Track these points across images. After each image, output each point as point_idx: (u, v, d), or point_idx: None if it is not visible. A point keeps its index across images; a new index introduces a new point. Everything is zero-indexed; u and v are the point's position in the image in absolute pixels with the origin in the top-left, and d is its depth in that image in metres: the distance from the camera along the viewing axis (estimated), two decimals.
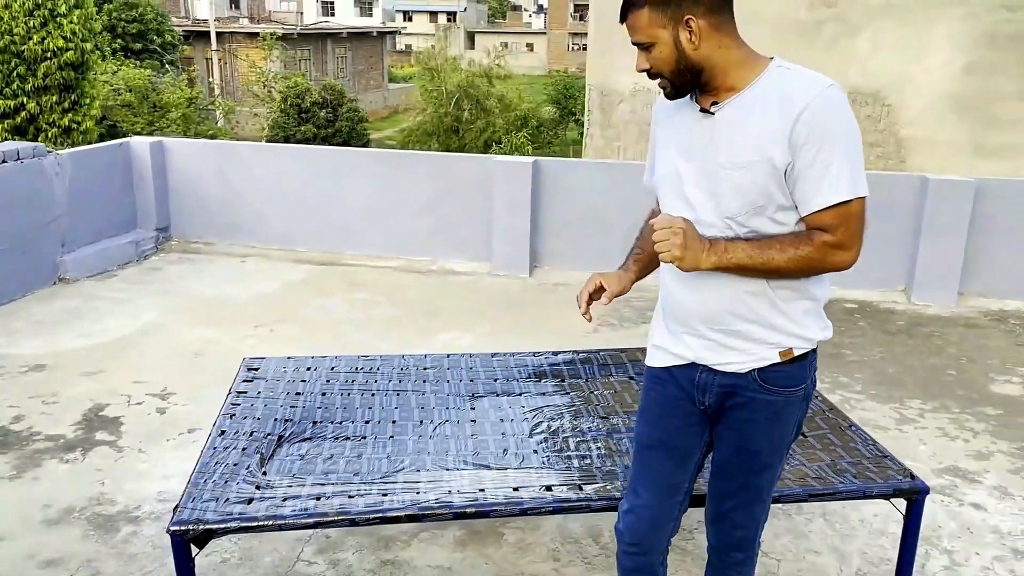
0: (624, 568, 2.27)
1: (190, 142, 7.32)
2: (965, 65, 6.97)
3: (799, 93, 1.83)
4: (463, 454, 2.67)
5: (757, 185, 1.88)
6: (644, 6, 1.91)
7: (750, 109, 1.89)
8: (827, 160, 1.82)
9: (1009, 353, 5.11)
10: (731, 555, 2.29)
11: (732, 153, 1.90)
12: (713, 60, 1.91)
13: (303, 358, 3.32)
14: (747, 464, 2.16)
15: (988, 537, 3.27)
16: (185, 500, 2.31)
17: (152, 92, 24.56)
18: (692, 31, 1.89)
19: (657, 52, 1.93)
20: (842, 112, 1.86)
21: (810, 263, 1.89)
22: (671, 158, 2.04)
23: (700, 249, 1.89)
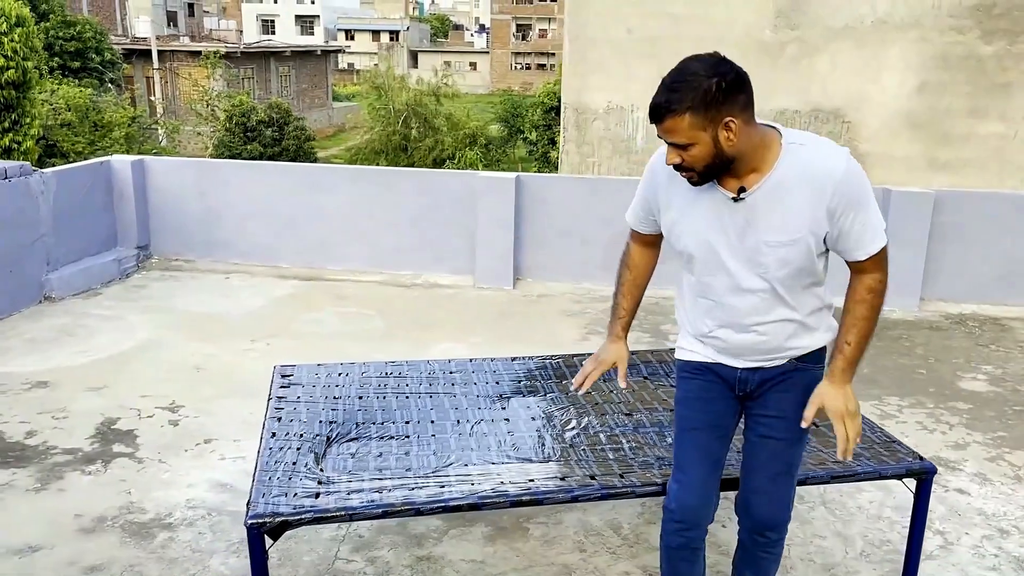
0: (673, 547, 2.45)
1: (171, 160, 7.34)
2: (918, 85, 7.42)
3: (825, 172, 2.04)
4: (504, 449, 2.83)
5: (800, 255, 2.13)
6: (685, 112, 1.97)
7: (779, 191, 2.08)
8: (863, 220, 2.08)
9: (972, 352, 5.46)
10: (766, 535, 2.49)
11: (771, 233, 2.11)
12: (744, 150, 2.04)
13: (333, 364, 3.44)
14: (782, 434, 2.40)
15: (975, 519, 3.53)
16: (256, 496, 2.42)
17: (93, 111, 24.15)
18: (731, 130, 1.99)
19: (695, 151, 2.03)
20: (862, 176, 2.09)
21: (880, 308, 2.21)
22: (701, 232, 2.19)
23: (850, 397, 2.25)
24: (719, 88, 1.95)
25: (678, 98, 1.97)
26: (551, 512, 3.45)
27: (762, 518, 2.46)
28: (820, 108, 7.50)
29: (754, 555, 2.54)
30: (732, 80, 1.97)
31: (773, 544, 2.53)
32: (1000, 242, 6.28)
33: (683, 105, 1.97)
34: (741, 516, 2.52)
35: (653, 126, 2.08)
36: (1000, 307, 6.31)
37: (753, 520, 2.48)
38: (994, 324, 6.03)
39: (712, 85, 1.95)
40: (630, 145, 7.85)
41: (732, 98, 1.97)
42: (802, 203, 2.07)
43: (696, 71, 1.97)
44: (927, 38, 7.27)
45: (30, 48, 14.02)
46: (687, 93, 1.96)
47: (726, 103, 1.97)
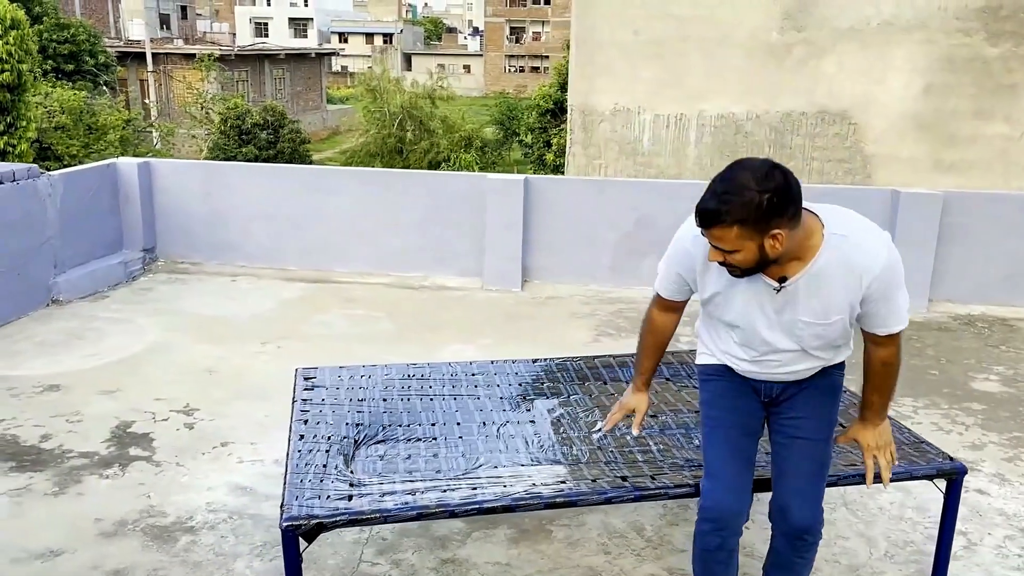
0: (709, 550, 2.44)
1: (177, 163, 7.31)
2: (924, 86, 7.44)
3: (865, 267, 2.13)
4: (532, 451, 2.81)
5: (836, 332, 2.28)
6: (734, 225, 2.02)
7: (819, 280, 2.16)
8: (891, 305, 2.22)
9: (982, 353, 5.47)
10: (804, 539, 2.47)
11: (810, 315, 2.22)
12: (789, 251, 2.11)
13: (355, 367, 3.43)
14: (811, 434, 2.47)
15: (996, 519, 3.54)
16: (289, 499, 2.40)
17: (87, 114, 24.06)
18: (778, 240, 2.05)
19: (739, 256, 2.09)
20: (898, 267, 2.18)
21: (897, 370, 2.40)
22: (739, 309, 2.30)
23: (882, 432, 2.51)
24: (769, 204, 1.99)
25: (727, 211, 2.00)
26: (573, 514, 3.43)
27: (802, 522, 2.45)
28: (826, 110, 7.53)
29: (790, 560, 2.53)
30: (782, 194, 2.01)
31: (809, 548, 2.52)
32: (1008, 243, 6.29)
33: (731, 218, 2.01)
34: (777, 521, 2.50)
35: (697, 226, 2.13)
36: (1008, 308, 6.33)
37: (792, 525, 2.47)
38: (1003, 325, 6.05)
39: (763, 201, 1.98)
40: (636, 147, 7.86)
41: (780, 212, 2.01)
42: (840, 290, 2.16)
43: (746, 183, 2.00)
44: (933, 40, 7.30)
45: (25, 51, 13.96)
46: (736, 207, 2.00)
47: (774, 217, 2.01)
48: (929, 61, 7.36)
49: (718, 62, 7.44)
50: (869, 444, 2.50)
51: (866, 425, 2.48)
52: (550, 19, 62.61)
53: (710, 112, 7.66)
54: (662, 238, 6.85)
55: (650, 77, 7.70)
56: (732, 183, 2.02)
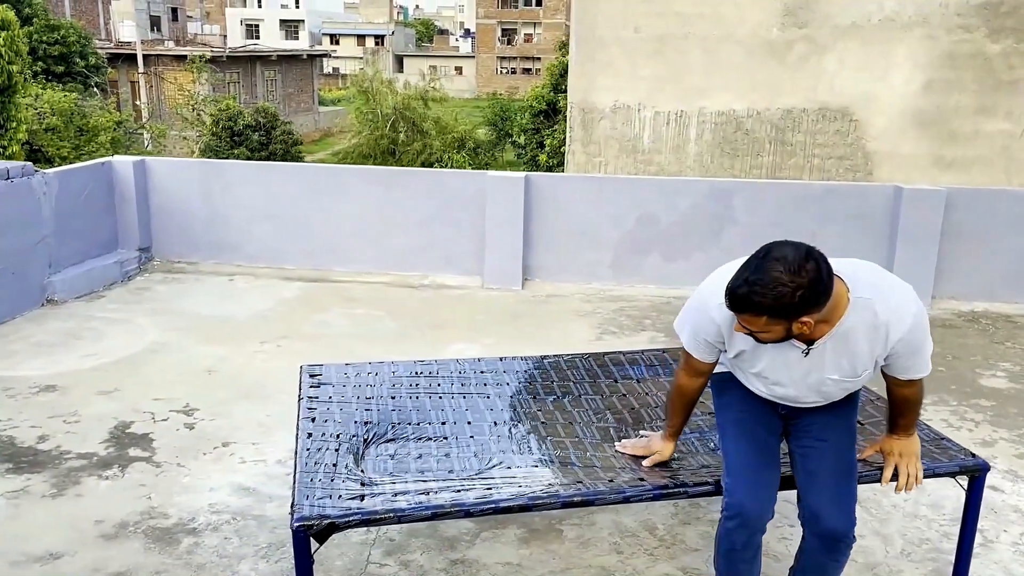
0: (736, 548, 2.38)
1: (173, 161, 7.22)
2: (925, 83, 7.41)
3: (891, 327, 2.18)
4: (546, 451, 2.75)
5: (859, 384, 2.39)
6: (763, 315, 2.07)
7: (846, 340, 2.20)
8: (918, 356, 2.31)
9: (989, 350, 5.44)
10: (838, 543, 2.41)
11: (838, 373, 2.28)
12: (817, 327, 2.16)
13: (361, 364, 3.36)
14: (836, 435, 2.48)
15: (1011, 516, 3.49)
16: (299, 499, 2.33)
17: (78, 116, 23.91)
18: (807, 324, 2.10)
19: (766, 336, 2.15)
20: (924, 319, 2.25)
21: (921, 401, 2.52)
22: (766, 369, 2.35)
23: (909, 443, 2.57)
24: (801, 299, 2.02)
25: (758, 303, 2.04)
26: (584, 514, 3.37)
27: (837, 527, 2.40)
28: (827, 106, 7.49)
29: (822, 564, 2.47)
30: (813, 288, 2.02)
31: (843, 552, 2.46)
32: (1011, 240, 6.26)
33: (762, 311, 2.06)
34: (810, 525, 2.44)
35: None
36: (1012, 305, 6.29)
37: (826, 529, 2.41)
38: (1007, 322, 6.02)
39: (796, 297, 2.02)
40: (636, 144, 7.80)
41: (812, 305, 2.06)
42: (866, 348, 2.22)
43: (779, 279, 2.01)
44: (934, 36, 7.27)
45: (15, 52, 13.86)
46: (768, 301, 2.03)
47: (805, 309, 2.06)
48: (930, 57, 7.33)
49: (719, 59, 7.40)
50: (893, 451, 2.56)
51: (892, 438, 2.57)
52: (542, 20, 62.63)
53: (711, 109, 7.62)
54: (663, 235, 6.85)
55: (651, 74, 7.65)
56: (765, 275, 2.03)
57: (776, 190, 6.45)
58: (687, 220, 6.42)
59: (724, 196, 6.34)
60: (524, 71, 63.42)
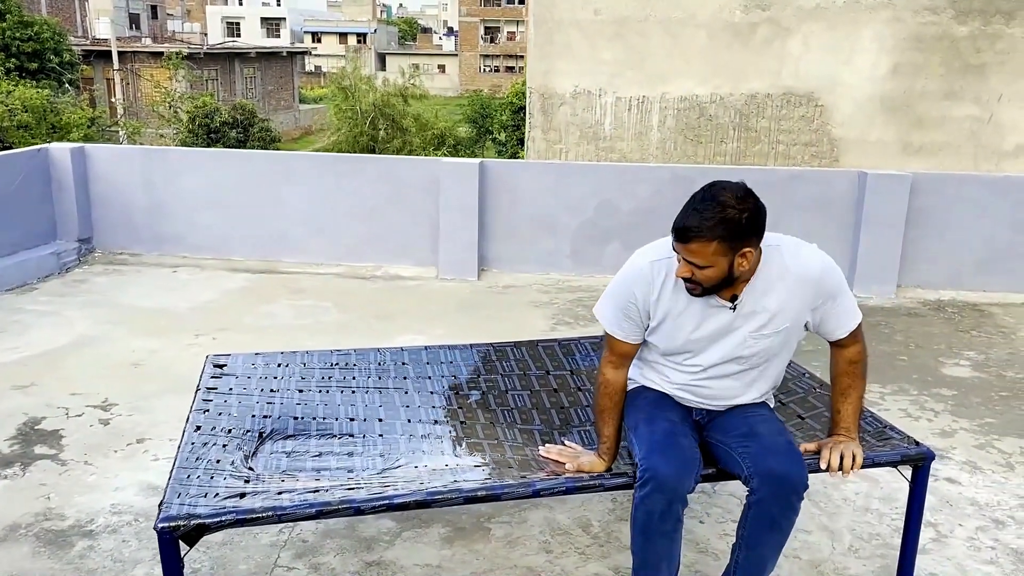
0: (653, 516, 2.18)
1: (114, 148, 6.96)
2: (892, 66, 7.23)
3: (803, 274, 2.27)
4: (460, 454, 2.54)
5: (780, 344, 2.35)
6: (714, 240, 2.12)
7: (766, 288, 2.26)
8: (840, 307, 2.34)
9: (953, 339, 5.26)
10: (793, 493, 2.23)
11: (758, 326, 2.29)
12: (746, 272, 2.22)
13: (272, 354, 3.13)
14: (760, 412, 2.47)
15: (968, 509, 3.30)
16: (170, 496, 2.11)
17: (51, 113, 23.54)
18: (746, 258, 2.17)
19: (710, 272, 2.17)
20: (836, 270, 2.34)
21: (864, 376, 2.45)
22: (690, 330, 2.33)
23: (855, 442, 2.43)
24: (747, 221, 2.13)
25: (709, 227, 2.11)
26: (515, 511, 3.16)
27: (789, 472, 2.22)
28: (792, 91, 7.30)
29: (773, 518, 2.23)
30: (757, 214, 2.16)
31: (794, 504, 2.25)
32: (978, 226, 6.10)
33: (713, 233, 2.11)
34: (760, 476, 2.23)
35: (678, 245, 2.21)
36: (979, 293, 6.13)
37: (778, 474, 2.21)
38: (973, 310, 5.85)
39: (742, 219, 2.12)
40: (598, 131, 7.59)
41: (755, 230, 2.17)
42: (785, 300, 2.27)
43: (727, 202, 2.13)
44: (900, 18, 7.09)
45: None
46: (718, 223, 2.11)
47: (748, 235, 2.15)
48: (896, 40, 7.14)
49: (681, 42, 7.18)
50: (836, 443, 2.43)
51: (831, 438, 2.47)
52: (525, 19, 62.34)
53: (673, 94, 7.41)
54: (624, 223, 6.64)
55: (611, 58, 7.43)
56: (713, 201, 2.13)
57: (738, 176, 6.23)
58: (648, 207, 6.22)
59: (685, 182, 6.07)
60: (507, 69, 63.18)
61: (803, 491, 2.26)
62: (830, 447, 2.40)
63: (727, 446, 2.38)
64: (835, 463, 2.37)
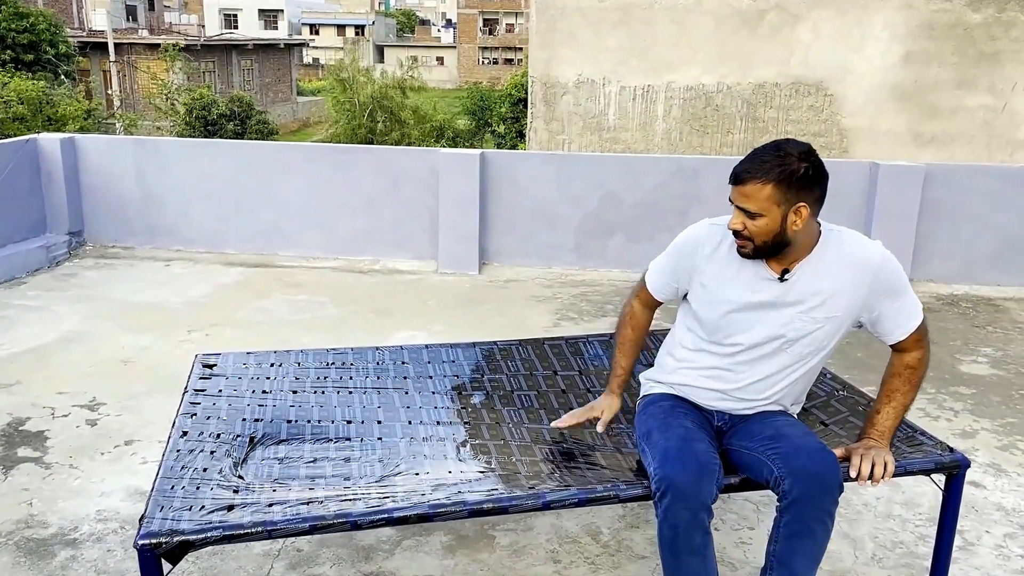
0: (678, 529, 2.02)
1: (105, 139, 6.79)
2: (904, 55, 7.05)
3: (863, 260, 2.18)
4: (463, 457, 2.38)
5: (827, 334, 2.23)
6: (771, 182, 2.07)
7: (820, 270, 2.19)
8: (899, 305, 2.23)
9: (969, 335, 5.11)
10: (828, 492, 2.07)
11: (808, 304, 2.19)
12: (800, 239, 2.15)
13: (265, 353, 2.98)
14: (784, 418, 2.32)
15: (994, 515, 3.16)
16: (152, 509, 1.95)
17: (47, 105, 23.35)
18: (800, 215, 2.10)
19: (762, 223, 2.11)
20: (897, 265, 2.23)
21: (918, 385, 2.33)
22: (731, 293, 2.25)
23: (886, 449, 2.26)
24: (806, 173, 2.08)
25: (767, 168, 2.07)
26: (520, 518, 3.01)
27: (823, 471, 2.06)
28: (801, 80, 7.12)
29: (808, 525, 2.07)
30: (818, 170, 2.11)
31: (831, 505, 2.09)
32: (992, 219, 5.94)
33: (770, 176, 2.07)
34: (792, 475, 2.07)
35: (729, 186, 2.19)
36: (993, 287, 5.98)
37: (813, 472, 2.05)
38: (988, 305, 5.70)
39: (801, 168, 2.07)
40: (601, 121, 7.41)
41: (812, 187, 2.10)
42: (839, 286, 2.18)
43: (789, 151, 2.10)
44: (912, 5, 6.91)
45: None
46: (777, 166, 2.07)
47: (805, 189, 2.08)
48: (908, 28, 6.96)
49: (687, 30, 7.00)
50: (860, 447, 2.27)
51: (863, 441, 2.31)
52: (523, 10, 62.08)
53: (679, 84, 7.23)
54: (628, 216, 6.47)
55: (615, 46, 7.25)
56: (776, 149, 2.11)
57: None
58: (652, 200, 6.06)
59: (690, 174, 5.98)
60: (506, 61, 62.90)
61: (838, 494, 2.11)
62: (860, 454, 2.24)
63: (752, 450, 2.23)
64: (865, 471, 2.21)
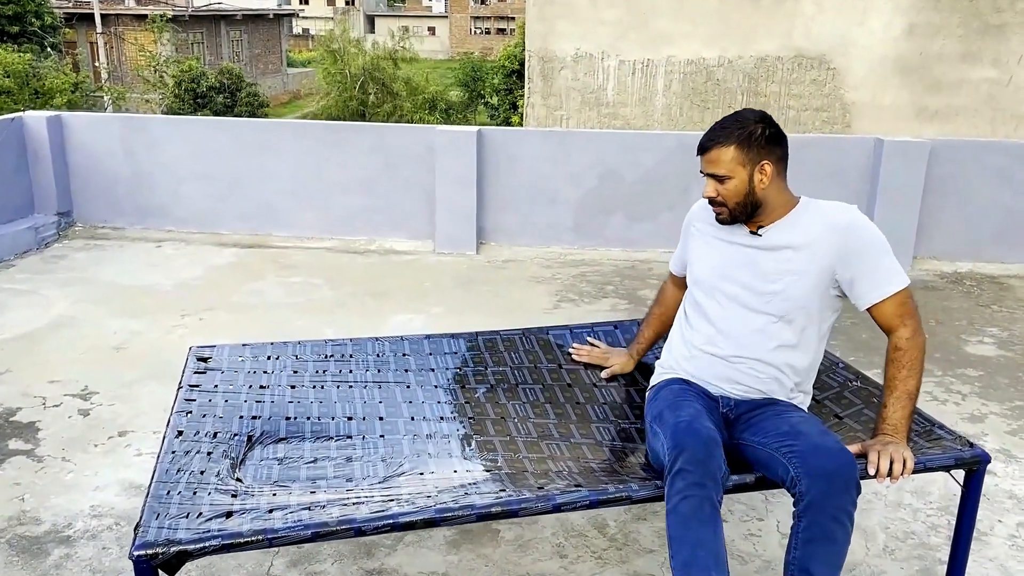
0: (688, 494, 1.98)
1: (93, 116, 6.64)
2: (907, 27, 6.92)
3: (835, 219, 2.26)
4: (469, 455, 2.31)
5: (803, 289, 2.27)
6: (732, 144, 2.23)
7: (793, 229, 2.29)
8: (875, 263, 2.23)
9: (974, 314, 5.05)
10: (847, 490, 2.01)
11: (784, 259, 2.28)
12: (770, 198, 2.29)
13: (261, 345, 2.88)
14: (797, 414, 2.30)
15: (1007, 503, 3.11)
16: (148, 517, 1.87)
17: (33, 78, 23.03)
18: (765, 173, 2.25)
19: (731, 185, 2.26)
20: (872, 226, 2.28)
21: (916, 368, 2.26)
22: (717, 260, 2.40)
23: (903, 444, 2.19)
24: (763, 134, 2.24)
25: (728, 132, 2.24)
26: None
27: (838, 470, 2.00)
28: (803, 53, 6.99)
29: (827, 529, 2.00)
30: (775, 131, 2.28)
31: (849, 510, 2.02)
32: (997, 195, 5.86)
33: (731, 139, 2.23)
34: (810, 482, 2.00)
35: (697, 158, 2.33)
36: (997, 265, 5.92)
37: (830, 474, 1.99)
38: (992, 283, 5.63)
39: (758, 129, 2.24)
40: (600, 96, 7.28)
41: (771, 146, 2.25)
42: (812, 239, 2.26)
43: (747, 116, 2.27)
44: None
45: None
46: (735, 130, 2.24)
47: (766, 148, 2.24)
48: None
49: (687, 2, 6.85)
50: (878, 443, 2.20)
51: (877, 437, 2.25)
52: None
53: (679, 58, 7.09)
54: (628, 193, 6.35)
55: (614, 18, 7.10)
56: (734, 116, 2.29)
57: None
58: (653, 177, 5.96)
59: (691, 151, 5.81)
60: (499, 31, 62.23)
61: (856, 494, 2.04)
62: (878, 450, 2.17)
63: (767, 447, 2.16)
64: (884, 468, 2.14)
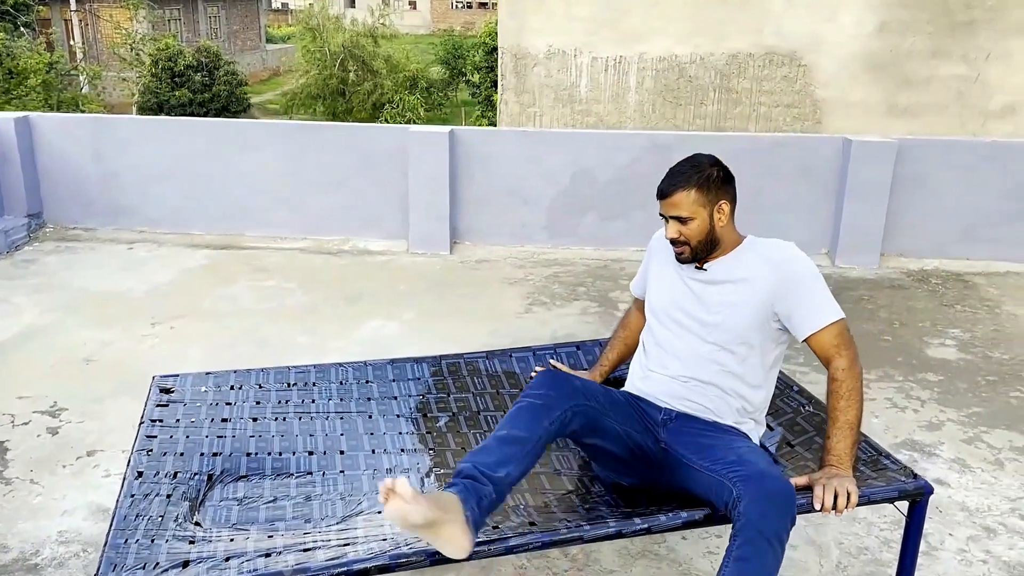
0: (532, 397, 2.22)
1: (61, 117, 6.59)
2: (878, 24, 6.95)
3: (772, 255, 2.42)
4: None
5: (743, 319, 2.39)
6: (693, 188, 2.38)
7: (735, 265, 2.44)
8: (810, 295, 2.36)
9: (937, 314, 5.13)
10: (784, 515, 2.07)
11: (723, 295, 2.42)
12: (724, 236, 2.44)
13: (224, 373, 2.90)
14: (743, 440, 2.41)
15: (958, 516, 3.19)
16: (105, 569, 1.91)
17: (7, 58, 22.68)
18: (723, 212, 2.42)
19: (694, 225, 2.40)
20: (808, 261, 2.42)
21: (853, 399, 2.34)
22: (666, 288, 2.55)
23: (848, 476, 2.27)
24: (718, 176, 2.41)
25: (687, 177, 2.39)
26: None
27: (775, 496, 2.06)
28: (774, 51, 7.01)
29: (759, 551, 2.04)
30: (727, 174, 2.45)
31: (781, 537, 2.07)
32: (964, 193, 5.94)
33: (691, 183, 2.37)
34: (749, 503, 2.06)
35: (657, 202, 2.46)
36: (962, 262, 6.00)
37: (770, 496, 2.06)
38: (957, 280, 5.72)
39: (714, 172, 2.41)
40: (573, 93, 7.28)
41: (726, 187, 2.43)
42: (751, 276, 2.40)
43: (701, 161, 2.43)
44: None
45: None
46: (694, 174, 2.39)
47: (722, 188, 2.42)
48: None
49: None
50: (824, 476, 2.26)
51: (823, 469, 2.31)
52: None
53: (651, 54, 7.10)
54: (601, 193, 6.40)
55: (587, 15, 7.09)
56: (688, 162, 2.44)
57: (719, 144, 6.03)
58: (626, 176, 5.99)
59: (664, 151, 5.89)
60: (480, 5, 61.68)
61: (791, 525, 2.10)
62: (823, 483, 2.24)
63: (714, 473, 2.21)
64: (828, 502, 2.21)
